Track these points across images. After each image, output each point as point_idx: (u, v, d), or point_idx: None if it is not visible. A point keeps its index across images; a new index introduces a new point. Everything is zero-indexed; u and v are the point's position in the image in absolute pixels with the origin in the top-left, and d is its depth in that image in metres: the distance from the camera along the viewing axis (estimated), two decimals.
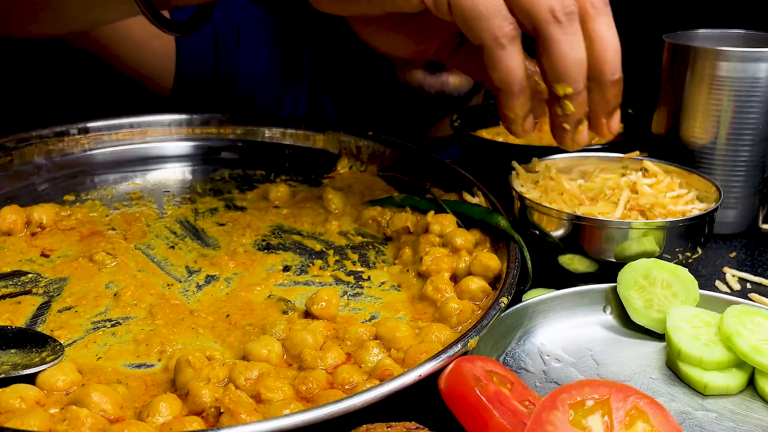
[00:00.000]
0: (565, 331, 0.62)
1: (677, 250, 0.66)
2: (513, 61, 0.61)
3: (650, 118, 0.85)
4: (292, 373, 0.55)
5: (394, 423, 0.46)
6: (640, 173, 0.74)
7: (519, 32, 0.61)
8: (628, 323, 0.62)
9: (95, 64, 0.95)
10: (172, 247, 0.73)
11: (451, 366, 0.50)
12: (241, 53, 1.04)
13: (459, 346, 0.51)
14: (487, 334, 0.55)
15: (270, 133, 0.94)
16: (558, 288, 0.63)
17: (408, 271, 0.69)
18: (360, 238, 0.76)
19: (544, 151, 0.79)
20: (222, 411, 0.48)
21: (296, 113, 1.12)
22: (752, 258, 0.77)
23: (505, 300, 0.58)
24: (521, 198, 0.69)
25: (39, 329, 0.60)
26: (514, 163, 0.76)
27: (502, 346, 0.59)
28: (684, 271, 0.62)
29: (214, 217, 0.79)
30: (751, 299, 0.68)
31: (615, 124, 0.66)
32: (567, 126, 0.65)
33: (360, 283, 0.69)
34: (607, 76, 0.63)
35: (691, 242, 0.67)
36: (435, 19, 0.62)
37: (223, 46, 1.02)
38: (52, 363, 0.54)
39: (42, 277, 0.67)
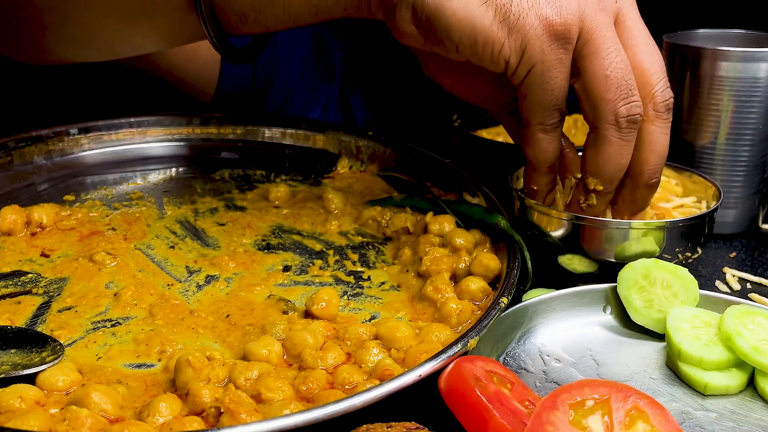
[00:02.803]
0: (565, 331, 0.62)
1: (677, 250, 0.66)
2: (550, 145, 0.64)
3: None
4: (292, 373, 0.55)
5: (394, 423, 0.46)
6: None
7: (564, 118, 0.63)
8: (628, 323, 0.62)
9: (95, 64, 0.95)
10: (172, 247, 0.73)
11: (451, 366, 0.50)
12: (277, 49, 1.03)
13: (459, 346, 0.51)
14: (487, 334, 0.55)
15: (270, 133, 0.94)
16: (558, 288, 0.63)
17: (408, 271, 0.69)
18: (360, 238, 0.76)
19: None
20: (222, 411, 0.48)
21: (327, 115, 1.12)
22: (752, 258, 0.77)
23: (505, 300, 0.58)
24: (521, 198, 0.69)
25: (39, 329, 0.60)
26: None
27: (502, 346, 0.59)
28: (684, 271, 0.62)
29: (214, 217, 0.79)
30: (751, 299, 0.68)
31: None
32: (583, 210, 0.66)
33: (360, 283, 0.69)
34: (643, 178, 0.64)
35: (691, 242, 0.67)
36: (506, 80, 0.62)
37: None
38: (52, 363, 0.53)
39: (42, 277, 0.67)
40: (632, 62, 0.61)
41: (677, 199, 0.72)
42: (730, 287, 0.72)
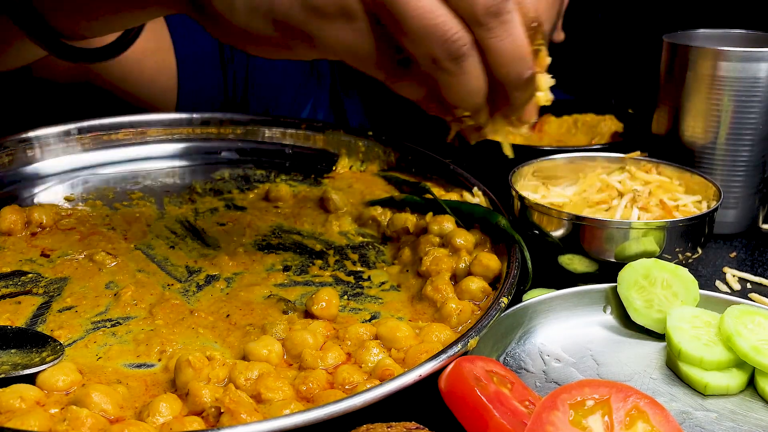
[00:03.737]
0: (565, 331, 0.62)
1: (677, 250, 0.66)
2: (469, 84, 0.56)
3: (650, 118, 0.85)
4: (292, 373, 0.55)
5: (394, 423, 0.46)
6: (626, 174, 0.75)
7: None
8: (628, 323, 0.62)
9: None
10: (173, 247, 0.73)
11: (451, 366, 0.50)
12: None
13: (459, 346, 0.51)
14: (487, 334, 0.55)
15: (270, 133, 0.94)
16: (558, 288, 0.63)
17: (407, 271, 0.69)
18: (360, 238, 0.76)
19: (544, 151, 0.79)
20: (222, 411, 0.48)
21: (315, 116, 1.12)
22: (752, 258, 0.77)
23: (505, 300, 0.58)
24: (521, 198, 0.69)
25: (39, 329, 0.60)
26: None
27: (502, 346, 0.59)
28: (684, 271, 0.62)
29: (214, 217, 0.79)
30: (751, 299, 0.68)
31: (529, 114, 0.61)
32: (471, 126, 0.61)
33: (360, 283, 0.69)
34: (512, 82, 0.57)
35: (691, 242, 0.67)
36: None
37: (230, 48, 1.01)
38: (52, 363, 0.53)
39: (42, 277, 0.67)
40: None
41: (684, 197, 0.72)
42: (730, 287, 0.72)
